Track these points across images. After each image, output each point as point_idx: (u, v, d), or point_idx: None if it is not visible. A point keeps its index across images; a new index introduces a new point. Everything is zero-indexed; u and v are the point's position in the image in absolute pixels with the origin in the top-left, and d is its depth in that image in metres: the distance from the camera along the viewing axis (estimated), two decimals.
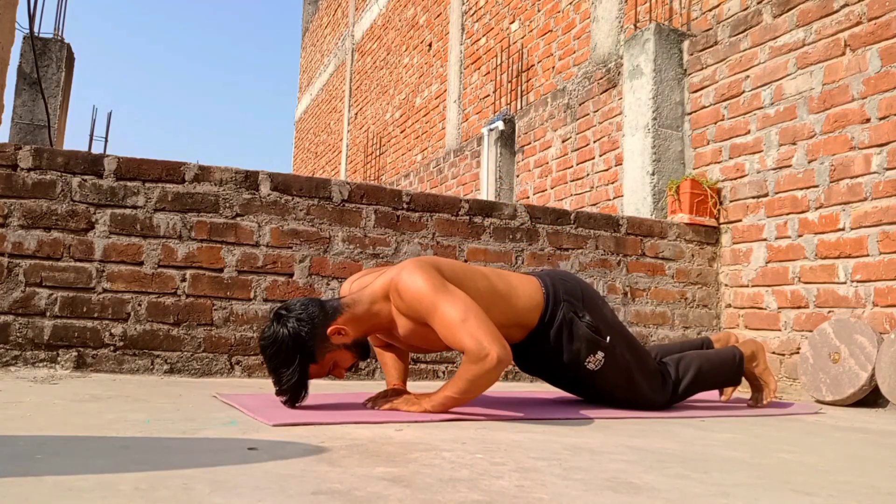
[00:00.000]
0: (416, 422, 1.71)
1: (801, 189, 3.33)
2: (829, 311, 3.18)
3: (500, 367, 1.72)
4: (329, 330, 1.80)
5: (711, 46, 3.89)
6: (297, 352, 1.77)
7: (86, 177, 2.64)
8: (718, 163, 3.80)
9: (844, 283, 3.12)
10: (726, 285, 3.73)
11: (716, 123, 3.83)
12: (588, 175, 4.74)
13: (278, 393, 1.82)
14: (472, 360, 1.73)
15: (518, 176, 5.57)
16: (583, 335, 2.04)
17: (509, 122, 5.77)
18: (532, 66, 5.96)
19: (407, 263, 1.87)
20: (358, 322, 1.85)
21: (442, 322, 1.76)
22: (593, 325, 2.06)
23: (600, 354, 2.06)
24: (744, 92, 3.67)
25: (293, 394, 1.80)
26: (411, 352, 2.11)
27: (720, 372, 2.36)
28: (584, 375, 2.10)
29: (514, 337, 2.04)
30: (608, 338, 2.08)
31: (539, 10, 5.94)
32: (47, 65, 6.50)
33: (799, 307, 3.32)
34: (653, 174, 3.91)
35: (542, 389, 2.86)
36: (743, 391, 2.68)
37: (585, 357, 2.06)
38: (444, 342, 1.80)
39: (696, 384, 2.27)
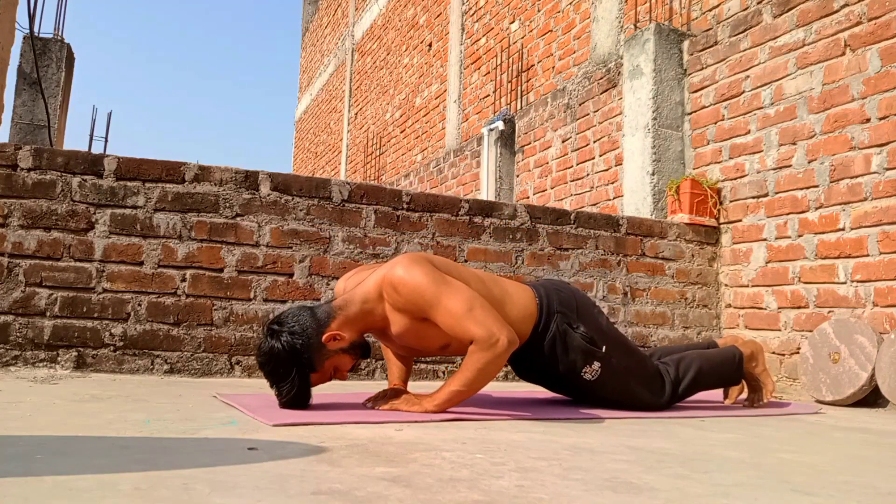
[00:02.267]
0: (416, 422, 1.71)
1: (801, 189, 3.33)
2: (829, 311, 3.18)
3: (510, 350, 1.75)
4: (324, 338, 1.79)
5: (711, 46, 3.89)
6: (295, 364, 1.76)
7: (86, 177, 2.64)
8: (718, 163, 3.80)
9: (844, 283, 3.12)
10: (726, 285, 3.73)
11: (716, 123, 3.83)
12: (588, 175, 4.74)
13: (282, 405, 1.81)
14: (483, 347, 1.73)
15: (518, 176, 5.57)
16: (578, 346, 2.03)
17: (509, 122, 5.77)
18: (532, 66, 5.96)
19: (400, 259, 1.85)
20: (352, 324, 1.83)
21: (447, 313, 1.75)
22: (588, 336, 2.03)
23: (596, 365, 2.05)
24: (744, 92, 3.67)
25: (296, 404, 1.80)
26: (404, 353, 2.10)
27: (720, 372, 2.35)
28: (582, 385, 2.09)
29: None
30: (604, 347, 2.06)
31: (539, 10, 5.94)
32: (47, 65, 6.49)
33: (799, 307, 3.32)
34: (653, 174, 3.91)
35: (542, 390, 2.86)
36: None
37: (581, 368, 2.05)
38: (451, 334, 1.79)
39: (696, 384, 2.27)
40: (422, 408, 1.82)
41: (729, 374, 2.37)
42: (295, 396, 1.79)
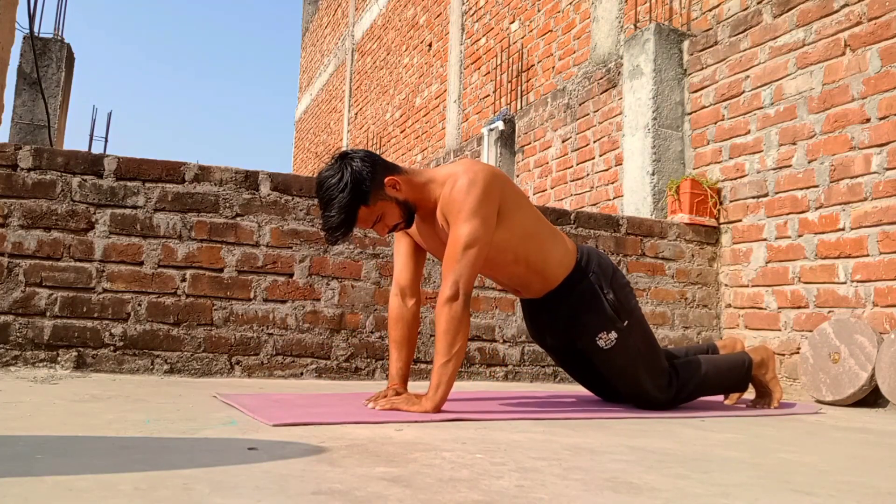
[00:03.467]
0: (416, 422, 1.71)
1: (801, 189, 3.33)
2: (829, 311, 3.18)
3: (465, 313, 1.83)
4: (387, 179, 1.88)
5: (711, 46, 3.89)
6: (354, 189, 1.83)
7: (86, 177, 2.64)
8: (718, 163, 3.80)
9: (844, 283, 3.12)
10: (726, 285, 3.73)
11: (716, 123, 3.83)
12: (588, 175, 4.74)
13: (324, 227, 1.88)
14: (442, 301, 1.83)
15: (518, 176, 5.57)
16: (601, 310, 2.06)
17: (509, 122, 5.77)
18: (532, 66, 5.96)
19: (479, 168, 1.91)
20: (412, 187, 1.93)
21: (454, 234, 1.85)
22: (615, 304, 2.07)
23: (613, 335, 2.06)
24: (744, 92, 3.67)
25: (336, 231, 1.86)
26: (429, 251, 2.12)
27: (727, 377, 2.34)
28: (592, 351, 2.10)
29: (534, 289, 2.09)
30: (626, 322, 2.08)
31: (539, 10, 5.94)
32: (47, 65, 6.49)
33: (799, 307, 3.32)
34: (653, 174, 3.91)
35: (543, 390, 2.86)
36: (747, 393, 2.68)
37: (597, 332, 2.06)
38: (445, 253, 1.88)
39: (702, 388, 2.26)
40: (422, 407, 1.83)
41: (736, 380, 2.36)
42: (341, 222, 1.84)
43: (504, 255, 1.99)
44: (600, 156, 4.63)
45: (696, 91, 3.97)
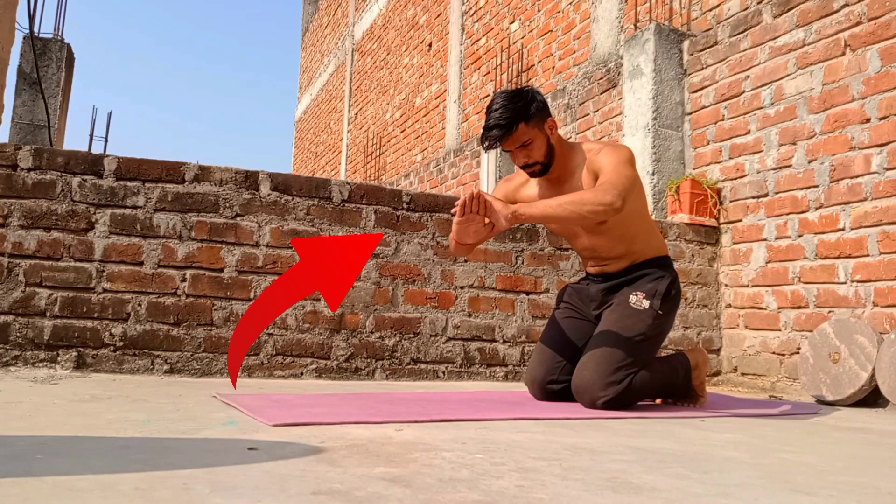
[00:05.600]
0: (416, 422, 1.71)
1: (801, 189, 3.33)
2: (829, 311, 3.18)
3: (610, 208, 1.97)
4: (549, 119, 2.17)
5: (711, 46, 3.89)
6: (525, 105, 2.10)
7: (86, 177, 2.64)
8: (718, 163, 3.80)
9: (844, 283, 3.12)
10: (726, 285, 3.73)
11: (716, 123, 3.83)
12: None
13: (485, 127, 2.10)
14: (598, 189, 2.00)
15: None
16: (657, 287, 2.24)
17: None
18: (532, 66, 5.96)
19: (625, 147, 2.20)
20: (561, 141, 2.22)
21: (610, 163, 2.08)
22: (667, 296, 2.24)
23: (646, 303, 2.22)
24: (744, 92, 3.67)
25: (493, 130, 2.08)
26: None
27: (666, 382, 2.29)
28: (617, 304, 2.25)
29: (622, 264, 2.30)
30: (661, 311, 2.23)
31: (539, 10, 5.94)
32: (47, 65, 6.49)
33: (799, 307, 3.32)
34: (653, 174, 3.91)
35: None
36: (743, 391, 2.67)
37: (640, 291, 2.23)
38: (600, 176, 2.09)
39: (643, 393, 2.21)
40: (508, 209, 1.95)
41: (675, 385, 2.33)
42: (498, 125, 2.07)
43: (619, 228, 2.22)
44: None
45: (696, 91, 3.97)
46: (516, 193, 2.32)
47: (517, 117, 2.08)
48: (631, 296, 2.23)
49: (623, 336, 2.17)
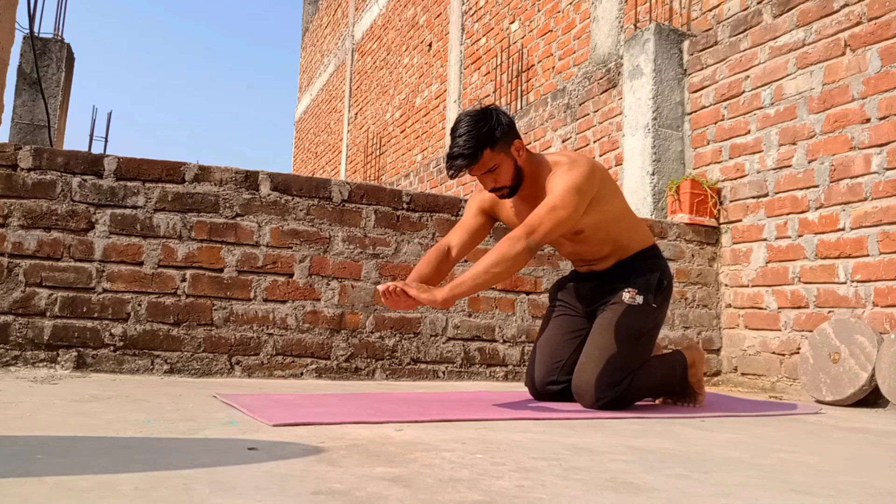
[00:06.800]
0: (416, 422, 1.71)
1: (801, 189, 3.33)
2: (830, 311, 3.17)
3: (524, 256, 1.93)
4: (516, 141, 2.07)
5: (711, 46, 3.89)
6: (489, 130, 2.00)
7: (86, 177, 2.64)
8: (718, 163, 3.80)
9: (844, 283, 3.12)
10: (726, 285, 3.73)
11: (716, 123, 3.83)
12: None
13: (448, 155, 2.02)
14: (512, 238, 1.92)
15: None
16: (648, 280, 2.24)
17: None
18: (532, 66, 5.96)
19: (584, 162, 2.10)
20: (529, 160, 2.12)
21: (548, 198, 2.01)
22: (659, 287, 2.25)
23: (640, 299, 2.20)
24: (744, 92, 3.66)
25: (458, 159, 1.99)
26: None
27: (662, 381, 2.32)
28: (611, 303, 2.23)
29: (610, 261, 2.28)
30: (654, 305, 2.24)
31: (539, 10, 5.94)
32: (47, 65, 6.49)
33: (799, 307, 3.32)
34: (653, 174, 3.91)
35: None
36: (743, 391, 2.67)
37: (632, 288, 2.21)
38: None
39: (640, 393, 2.24)
40: (431, 296, 1.83)
41: (672, 384, 2.34)
42: (463, 154, 1.98)
43: (598, 234, 2.21)
44: (600, 156, 4.63)
45: (696, 91, 3.97)
46: (493, 200, 2.24)
47: (482, 144, 1.99)
48: (624, 293, 2.22)
49: (620, 335, 2.17)
